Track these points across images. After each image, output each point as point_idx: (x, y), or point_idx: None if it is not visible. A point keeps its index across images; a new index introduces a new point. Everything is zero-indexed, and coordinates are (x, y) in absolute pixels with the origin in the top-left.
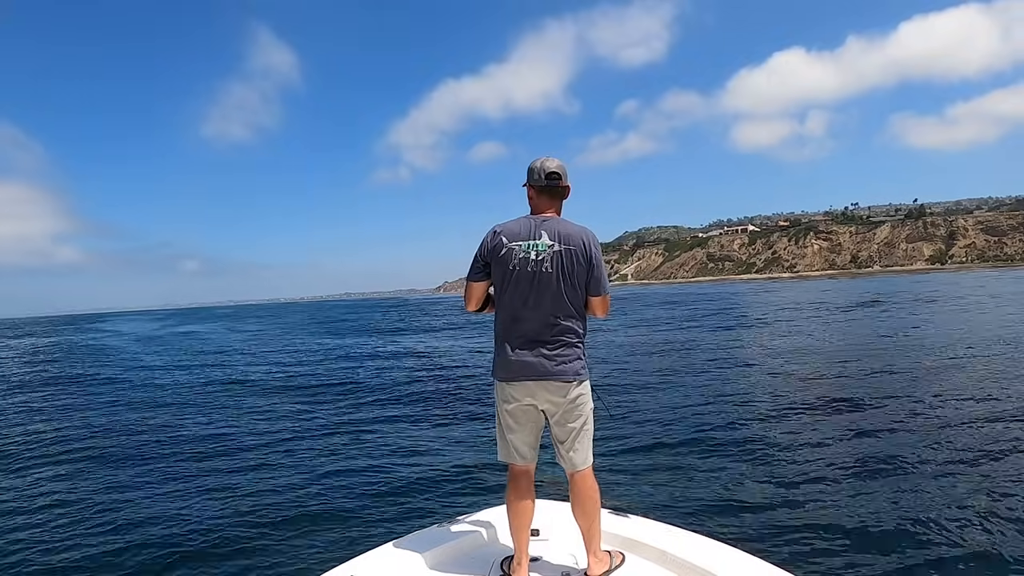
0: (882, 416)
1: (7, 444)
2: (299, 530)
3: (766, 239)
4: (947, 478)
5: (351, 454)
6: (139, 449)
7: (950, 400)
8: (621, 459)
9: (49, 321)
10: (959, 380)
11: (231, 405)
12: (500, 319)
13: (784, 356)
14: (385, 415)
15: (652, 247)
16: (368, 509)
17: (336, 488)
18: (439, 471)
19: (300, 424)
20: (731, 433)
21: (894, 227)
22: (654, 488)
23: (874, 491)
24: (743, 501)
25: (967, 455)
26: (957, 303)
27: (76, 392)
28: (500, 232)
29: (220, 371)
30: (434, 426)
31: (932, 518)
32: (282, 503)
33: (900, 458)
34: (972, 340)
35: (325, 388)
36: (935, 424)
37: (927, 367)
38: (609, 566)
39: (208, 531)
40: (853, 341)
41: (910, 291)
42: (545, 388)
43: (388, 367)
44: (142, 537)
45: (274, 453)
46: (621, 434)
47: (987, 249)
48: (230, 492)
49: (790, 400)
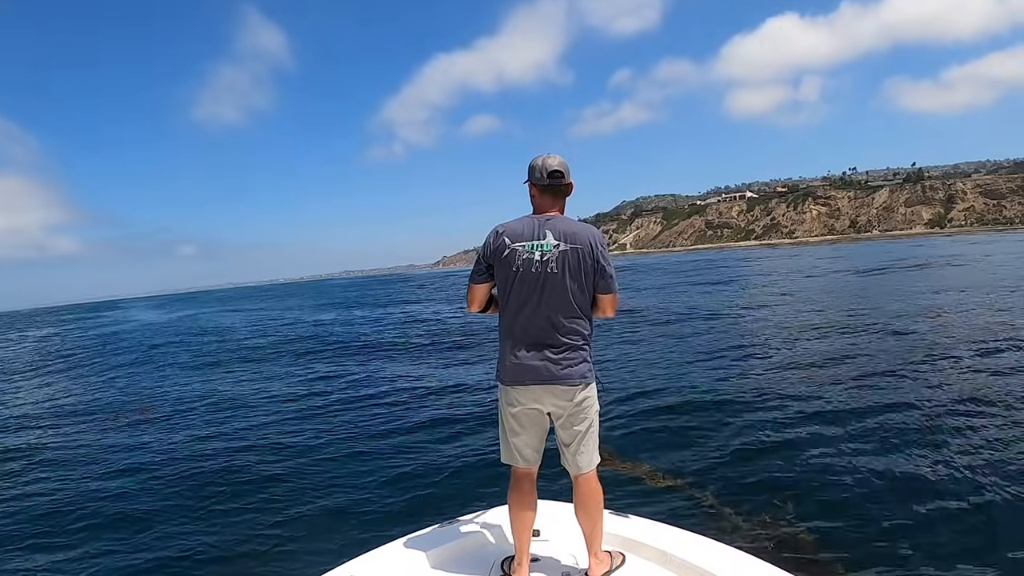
0: (893, 417)
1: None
2: (298, 530)
3: (764, 205)
4: (965, 485)
5: (351, 454)
6: (129, 442)
7: (975, 396)
8: (621, 458)
9: (48, 312)
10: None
11: (226, 401)
12: (504, 321)
13: (791, 351)
14: (385, 415)
15: (650, 216)
16: (367, 509)
17: (336, 488)
18: (439, 471)
19: (299, 424)
20: (732, 433)
21: (892, 191)
22: (654, 488)
23: (875, 492)
24: (743, 502)
25: (991, 457)
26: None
27: (72, 385)
28: (503, 233)
29: (214, 361)
30: (434, 426)
31: (940, 520)
32: (281, 503)
33: (911, 461)
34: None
35: (323, 383)
36: (956, 424)
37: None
38: (610, 567)
39: (207, 531)
40: (865, 327)
41: (915, 256)
42: (551, 392)
43: (387, 361)
44: (139, 536)
45: (274, 453)
46: (621, 434)
47: (986, 212)
48: (230, 492)
49: (793, 400)
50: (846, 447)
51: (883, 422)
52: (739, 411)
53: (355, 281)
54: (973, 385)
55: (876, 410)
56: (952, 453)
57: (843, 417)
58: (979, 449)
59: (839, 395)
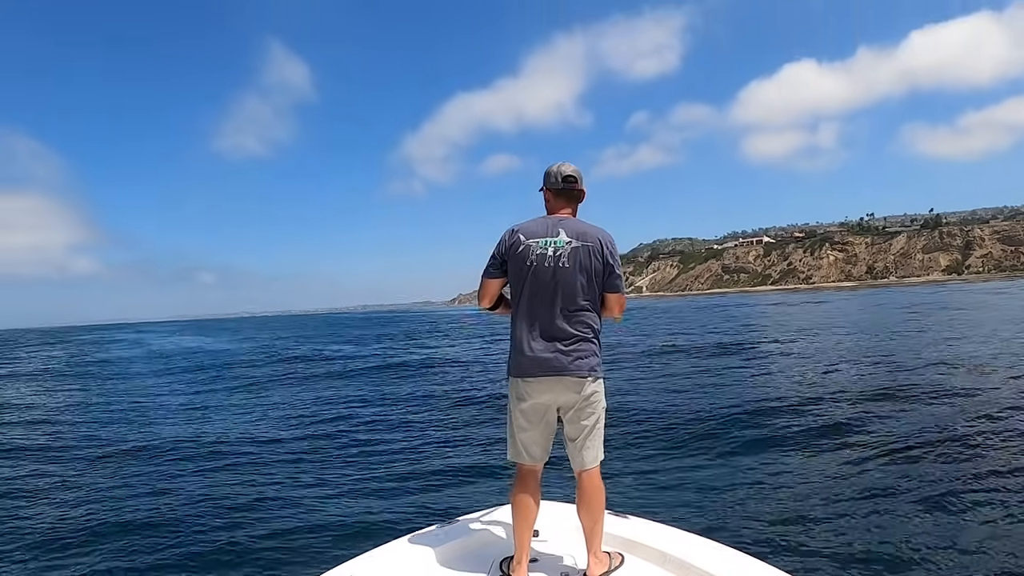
0: (896, 425)
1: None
2: (298, 530)
3: (781, 250)
4: (952, 491)
5: (350, 455)
6: (143, 450)
7: (976, 414)
8: (621, 460)
9: (66, 331)
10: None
11: (237, 410)
12: (516, 315)
13: (797, 363)
14: (385, 416)
15: (667, 259)
16: (367, 509)
17: (335, 488)
18: (439, 471)
19: (299, 425)
20: (733, 436)
21: (910, 237)
22: (654, 489)
23: (877, 493)
24: (744, 503)
25: (990, 477)
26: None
27: (82, 403)
28: (518, 231)
29: (227, 380)
30: (434, 427)
31: (935, 527)
32: (281, 504)
33: (908, 467)
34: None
35: (330, 391)
36: (953, 434)
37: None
38: (608, 567)
39: (206, 532)
40: (876, 352)
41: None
42: (561, 384)
43: (394, 372)
44: (138, 536)
45: (273, 453)
46: (621, 434)
47: (1004, 259)
48: (229, 492)
49: (794, 402)
50: (850, 449)
51: (883, 432)
52: (741, 420)
53: (370, 316)
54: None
55: (879, 422)
56: (973, 471)
57: (843, 427)
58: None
59: (845, 407)
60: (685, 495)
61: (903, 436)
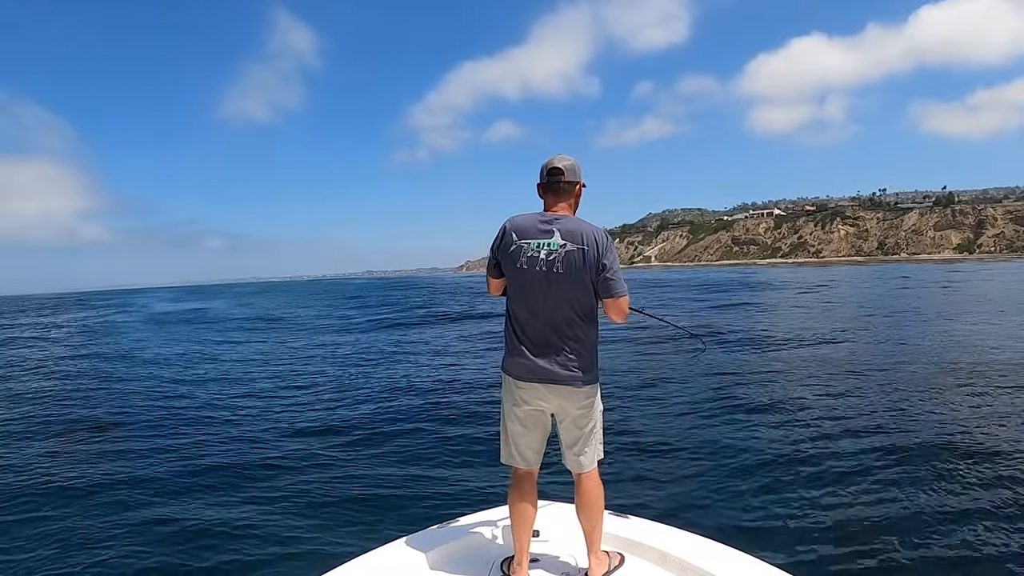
0: (898, 417)
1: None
2: (298, 531)
3: (792, 223)
4: (962, 483)
5: (350, 455)
6: (133, 437)
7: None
8: (622, 460)
9: (78, 297)
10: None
11: (234, 401)
12: (510, 315)
13: (803, 358)
14: (385, 416)
15: (676, 229)
16: (367, 510)
17: (335, 489)
18: (439, 471)
19: (299, 425)
20: (733, 435)
21: (922, 214)
22: (654, 489)
23: (878, 494)
24: (743, 503)
25: (990, 461)
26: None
27: (94, 371)
28: (511, 228)
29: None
30: (433, 426)
31: (940, 524)
32: (280, 504)
33: (912, 459)
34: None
35: (323, 386)
36: (956, 428)
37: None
38: (608, 567)
39: (206, 531)
40: (884, 343)
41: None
42: (555, 393)
43: (392, 363)
44: (137, 535)
45: (274, 454)
46: (622, 434)
47: (1016, 239)
48: (229, 492)
49: (795, 402)
50: (852, 449)
51: (899, 422)
52: (741, 418)
53: (375, 282)
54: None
55: (884, 420)
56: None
57: (852, 420)
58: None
59: (849, 407)
60: (685, 495)
61: (916, 434)
